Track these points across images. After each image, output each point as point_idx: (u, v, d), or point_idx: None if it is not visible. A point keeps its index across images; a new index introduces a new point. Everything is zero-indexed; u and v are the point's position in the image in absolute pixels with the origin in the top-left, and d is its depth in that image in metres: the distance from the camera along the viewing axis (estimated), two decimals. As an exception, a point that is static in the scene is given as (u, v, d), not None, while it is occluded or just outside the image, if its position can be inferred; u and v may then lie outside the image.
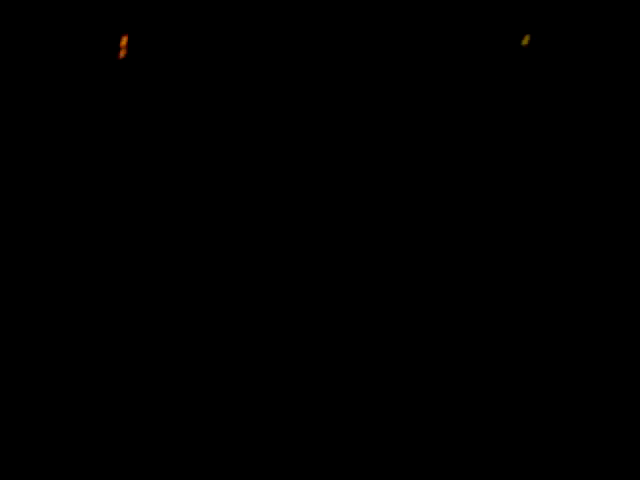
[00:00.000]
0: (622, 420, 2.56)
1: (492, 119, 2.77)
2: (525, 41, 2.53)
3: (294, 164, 2.68)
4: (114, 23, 2.42)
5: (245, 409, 2.49)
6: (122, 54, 2.40)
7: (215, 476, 2.39)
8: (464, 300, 2.69)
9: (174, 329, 2.55)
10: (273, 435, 2.47)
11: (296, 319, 2.63)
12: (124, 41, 2.42)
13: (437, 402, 2.58)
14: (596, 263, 2.71)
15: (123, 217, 2.54)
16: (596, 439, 2.55)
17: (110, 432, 2.37)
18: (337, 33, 2.65)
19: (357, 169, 2.72)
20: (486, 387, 2.62)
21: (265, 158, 2.66)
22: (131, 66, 2.42)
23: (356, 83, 2.70)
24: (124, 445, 2.36)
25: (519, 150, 2.77)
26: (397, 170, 2.74)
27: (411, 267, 2.71)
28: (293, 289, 2.65)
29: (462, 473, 2.50)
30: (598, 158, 2.74)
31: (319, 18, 2.63)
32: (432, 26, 2.67)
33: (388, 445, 2.51)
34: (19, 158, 2.46)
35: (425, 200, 2.74)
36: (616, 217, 2.73)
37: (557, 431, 2.57)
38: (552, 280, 2.71)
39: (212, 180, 2.63)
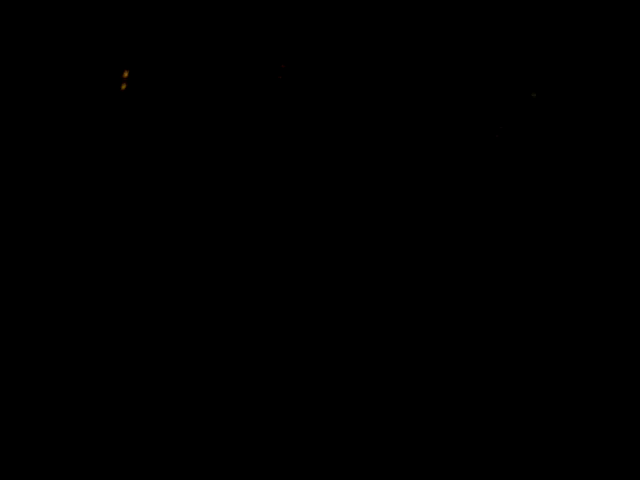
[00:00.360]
0: (622, 420, 2.51)
1: (492, 121, 2.79)
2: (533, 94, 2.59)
3: (294, 165, 2.74)
4: (116, 57, 2.62)
5: (245, 409, 2.52)
6: (123, 86, 2.60)
7: (215, 476, 2.41)
8: (463, 299, 2.68)
9: (174, 328, 2.59)
10: (273, 435, 2.49)
11: (296, 319, 2.66)
12: (125, 74, 2.62)
13: (436, 401, 2.58)
14: (595, 263, 2.68)
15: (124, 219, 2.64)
16: (596, 439, 2.51)
17: (110, 432, 2.40)
18: (338, 34, 2.72)
19: (357, 169, 2.76)
20: (485, 386, 2.61)
21: (266, 162, 2.73)
22: (132, 97, 2.62)
23: (356, 84, 2.76)
24: (124, 445, 2.40)
25: (519, 152, 2.77)
26: (396, 171, 2.77)
27: (410, 266, 2.72)
28: (293, 288, 2.68)
29: (462, 473, 2.49)
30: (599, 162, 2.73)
31: (319, 20, 2.70)
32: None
33: (388, 445, 2.51)
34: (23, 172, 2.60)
35: (424, 200, 2.76)
36: (615, 218, 2.71)
37: (556, 431, 2.54)
38: (551, 279, 2.69)
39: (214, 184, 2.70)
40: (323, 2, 2.66)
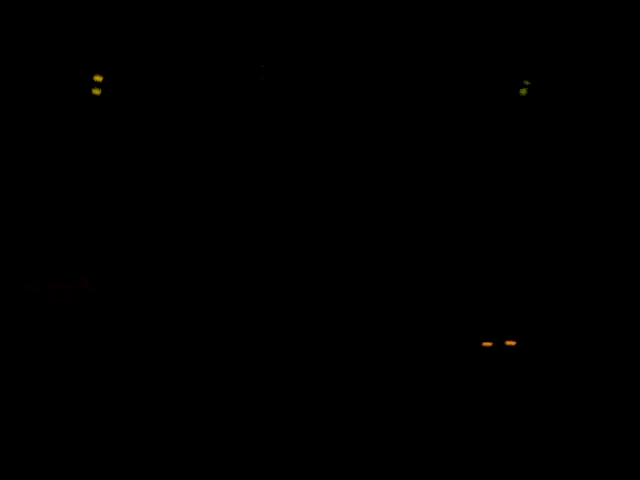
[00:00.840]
0: (622, 420, 2.52)
1: (492, 124, 2.76)
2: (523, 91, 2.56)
3: (295, 167, 2.74)
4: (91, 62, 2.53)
5: (245, 409, 2.56)
6: (96, 92, 2.50)
7: (215, 476, 2.47)
8: (463, 299, 2.69)
9: (174, 329, 2.63)
10: (273, 435, 2.53)
11: (296, 319, 2.68)
12: (99, 79, 2.53)
13: (436, 402, 2.60)
14: (595, 264, 2.69)
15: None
16: (596, 439, 2.52)
17: (110, 432, 2.46)
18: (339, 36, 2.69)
19: (357, 170, 2.76)
20: (485, 387, 2.62)
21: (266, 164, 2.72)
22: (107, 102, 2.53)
23: (356, 86, 2.74)
24: (124, 445, 2.46)
25: (518, 154, 2.76)
26: (396, 172, 2.76)
27: (410, 267, 2.73)
28: (294, 289, 2.70)
29: (462, 473, 2.51)
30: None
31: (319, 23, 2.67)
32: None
33: (388, 445, 2.54)
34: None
35: (424, 201, 2.76)
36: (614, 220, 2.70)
37: (557, 432, 2.55)
38: (551, 280, 2.69)
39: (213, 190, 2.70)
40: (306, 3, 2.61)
